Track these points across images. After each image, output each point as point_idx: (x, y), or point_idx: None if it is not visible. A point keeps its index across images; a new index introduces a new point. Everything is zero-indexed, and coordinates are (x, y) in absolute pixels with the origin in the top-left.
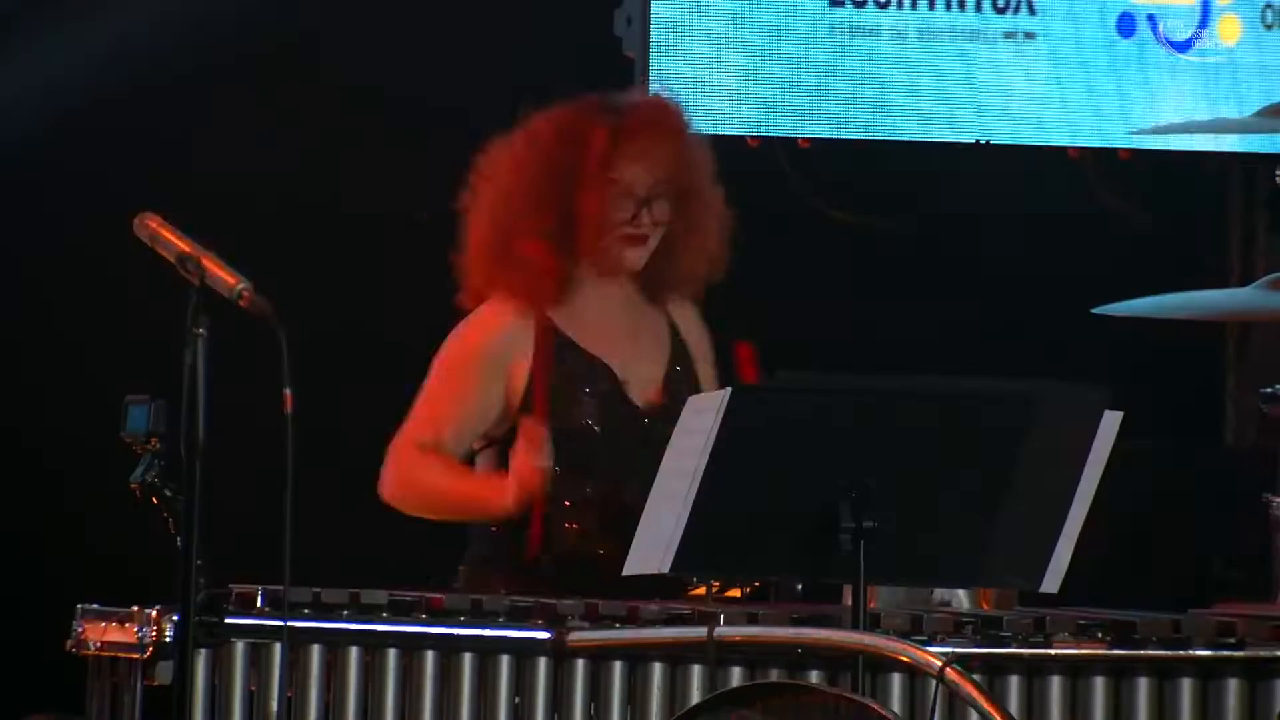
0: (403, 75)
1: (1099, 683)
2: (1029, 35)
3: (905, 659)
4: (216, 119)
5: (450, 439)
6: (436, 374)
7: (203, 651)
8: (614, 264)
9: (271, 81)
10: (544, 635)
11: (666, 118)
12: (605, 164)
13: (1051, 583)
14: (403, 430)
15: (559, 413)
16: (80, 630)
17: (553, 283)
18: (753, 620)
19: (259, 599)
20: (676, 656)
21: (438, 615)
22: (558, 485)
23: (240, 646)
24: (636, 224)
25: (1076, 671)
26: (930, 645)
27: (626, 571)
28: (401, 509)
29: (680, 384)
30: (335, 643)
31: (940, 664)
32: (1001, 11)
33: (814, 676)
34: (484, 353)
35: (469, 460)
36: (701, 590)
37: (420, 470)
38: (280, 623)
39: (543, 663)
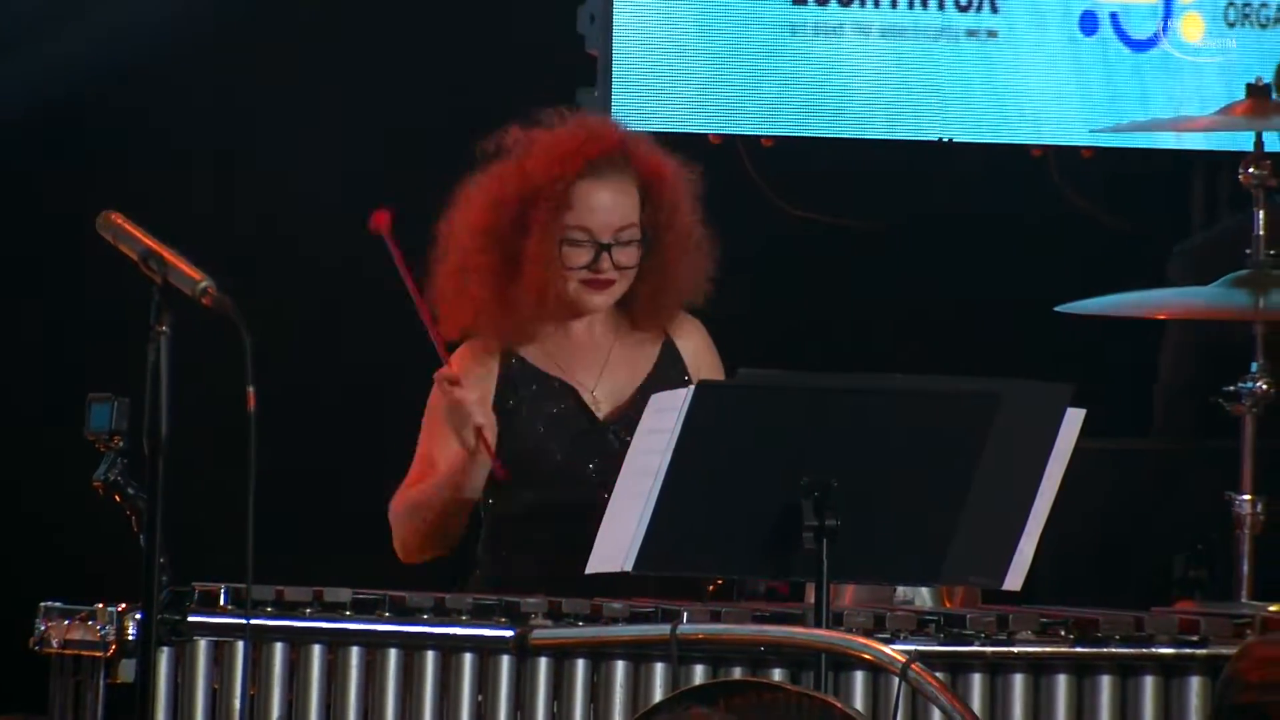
0: (363, 73)
1: (1061, 680)
2: (991, 34)
3: (868, 657)
4: (180, 120)
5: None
6: (424, 422)
7: (165, 649)
8: (575, 308)
9: (233, 86)
10: (507, 633)
11: (640, 156)
12: (557, 211)
13: (1014, 580)
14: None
15: (519, 434)
16: (43, 628)
17: (510, 322)
18: (715, 618)
19: (222, 597)
20: (639, 654)
21: (401, 613)
22: (507, 486)
23: (203, 644)
24: (597, 269)
25: (1039, 669)
26: (893, 643)
27: (589, 570)
28: (420, 555)
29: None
30: (298, 640)
31: (903, 662)
32: (964, 10)
33: (777, 674)
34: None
35: None
36: (712, 589)
37: (400, 508)
38: (243, 620)
39: (505, 660)
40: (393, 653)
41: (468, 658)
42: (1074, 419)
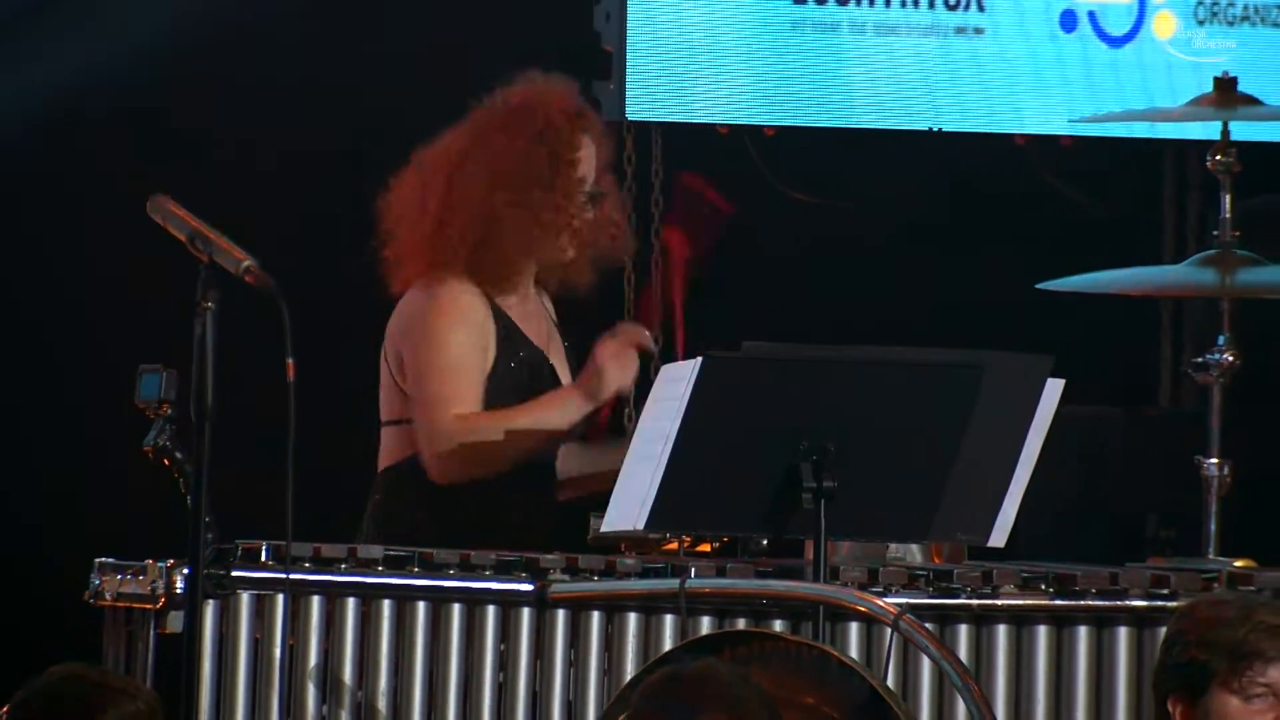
0: (382, 70)
1: (1042, 631)
2: (979, 30)
3: (863, 609)
4: (215, 108)
5: (479, 408)
6: (440, 354)
7: (211, 602)
8: (558, 255)
9: (256, 78)
10: (528, 587)
11: (592, 115)
12: (574, 165)
13: (998, 538)
14: (433, 417)
15: (512, 399)
16: (98, 583)
17: (515, 274)
18: (721, 573)
19: (263, 553)
20: (650, 607)
21: (429, 568)
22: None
23: (245, 597)
24: (582, 218)
25: (1021, 620)
26: (886, 596)
27: (605, 529)
28: (471, 474)
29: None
30: (334, 594)
31: (895, 613)
32: (953, 8)
33: (778, 625)
34: (479, 329)
35: None
36: (674, 545)
37: (482, 426)
38: (283, 575)
39: (526, 612)
40: (421, 605)
41: (491, 610)
42: (1054, 388)
